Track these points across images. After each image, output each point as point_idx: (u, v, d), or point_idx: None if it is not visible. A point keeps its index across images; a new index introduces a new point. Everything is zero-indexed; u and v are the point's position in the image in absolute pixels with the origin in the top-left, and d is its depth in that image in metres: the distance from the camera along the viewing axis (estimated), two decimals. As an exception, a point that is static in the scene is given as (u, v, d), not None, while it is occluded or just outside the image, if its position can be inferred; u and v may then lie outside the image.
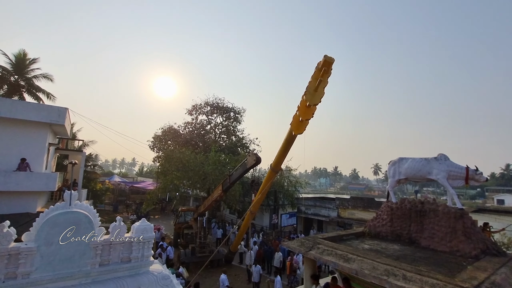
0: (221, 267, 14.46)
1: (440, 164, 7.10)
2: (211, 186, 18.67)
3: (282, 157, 9.69)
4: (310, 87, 6.45)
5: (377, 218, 8.08)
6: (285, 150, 9.31)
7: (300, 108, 7.03)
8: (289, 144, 8.99)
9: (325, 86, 6.48)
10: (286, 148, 9.17)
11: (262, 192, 11.04)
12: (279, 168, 10.35)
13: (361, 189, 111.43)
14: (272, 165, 10.20)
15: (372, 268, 5.02)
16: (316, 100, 6.49)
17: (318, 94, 6.44)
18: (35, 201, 11.81)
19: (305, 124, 7.42)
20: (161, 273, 5.18)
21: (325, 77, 6.32)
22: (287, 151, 9.41)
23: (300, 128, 7.59)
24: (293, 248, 7.12)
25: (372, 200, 19.90)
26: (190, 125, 29.53)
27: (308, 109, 6.86)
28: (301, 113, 7.02)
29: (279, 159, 9.76)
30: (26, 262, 4.11)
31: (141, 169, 68.54)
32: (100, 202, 27.66)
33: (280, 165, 10.28)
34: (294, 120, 7.55)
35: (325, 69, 6.14)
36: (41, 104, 16.39)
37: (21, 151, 11.55)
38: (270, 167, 10.46)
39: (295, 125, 7.62)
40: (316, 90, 6.39)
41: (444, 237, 6.37)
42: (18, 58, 19.57)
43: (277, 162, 9.90)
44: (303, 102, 6.80)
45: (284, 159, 9.95)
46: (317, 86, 6.32)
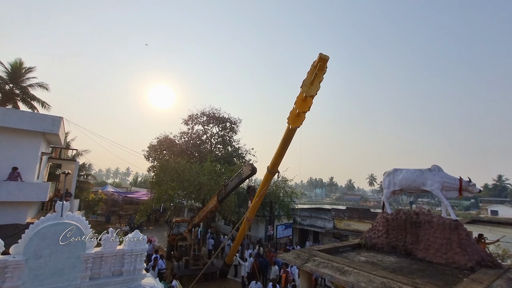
0: (215, 281, 14.13)
1: (434, 175, 7.18)
2: (206, 196, 18.47)
3: (279, 157, 9.53)
4: (307, 81, 6.74)
5: (373, 230, 8.06)
6: (283, 150, 9.18)
7: (297, 101, 7.25)
8: (287, 143, 8.89)
9: (321, 81, 6.76)
10: (283, 147, 9.06)
11: (260, 195, 10.80)
12: (276, 170, 10.10)
13: (357, 199, 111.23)
14: (269, 167, 10.02)
15: (368, 281, 4.96)
16: (312, 92, 6.75)
17: (314, 87, 6.74)
18: (25, 211, 11.51)
19: (302, 117, 7.62)
20: (154, 287, 5.05)
21: (320, 73, 6.60)
22: (285, 151, 9.27)
23: (297, 121, 7.71)
24: (289, 261, 7.03)
25: (368, 211, 19.85)
26: (186, 135, 29.49)
27: (305, 102, 7.11)
28: (298, 106, 7.24)
29: (276, 160, 9.61)
30: (13, 276, 3.97)
31: (135, 179, 67.50)
32: (92, 212, 27.09)
33: (277, 167, 10.02)
34: (291, 114, 7.71)
35: (321, 65, 6.39)
36: (35, 113, 16.24)
37: (13, 160, 11.33)
38: (267, 169, 10.23)
39: (292, 119, 7.73)
40: (312, 84, 6.69)
41: (440, 248, 6.36)
42: (14, 67, 19.51)
43: (274, 163, 9.74)
44: (300, 95, 7.08)
45: (281, 160, 9.75)
46: (313, 80, 6.61)
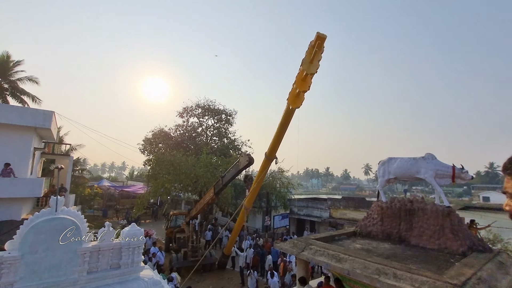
0: (214, 271, 14.34)
1: (428, 163, 7.28)
2: (202, 189, 18.51)
3: (277, 142, 9.39)
4: (306, 59, 6.62)
5: (368, 218, 8.19)
6: (281, 133, 9.02)
7: (296, 80, 7.12)
8: (285, 125, 8.73)
9: (320, 60, 6.64)
10: (281, 130, 8.88)
11: (258, 182, 10.73)
12: (274, 156, 9.95)
13: (352, 189, 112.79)
14: (266, 153, 9.90)
15: (363, 268, 5.07)
16: (313, 70, 6.63)
17: (314, 65, 6.62)
18: (19, 208, 11.41)
19: (301, 97, 7.50)
20: (152, 278, 5.09)
21: (319, 51, 6.48)
22: (283, 134, 9.12)
23: (297, 102, 7.58)
24: (286, 250, 7.14)
25: (363, 200, 20.14)
26: (181, 127, 29.22)
27: (304, 81, 6.98)
28: (298, 85, 7.09)
29: (274, 145, 9.47)
30: (9, 272, 3.95)
31: (131, 173, 67.16)
32: (89, 207, 27.05)
33: (275, 152, 9.88)
34: (291, 94, 7.58)
35: (319, 44, 6.29)
36: (26, 108, 15.91)
37: (5, 156, 11.15)
38: (264, 155, 10.10)
39: (292, 99, 7.60)
40: (312, 62, 6.57)
41: (433, 235, 6.51)
42: (1, 61, 18.94)
43: (272, 148, 9.61)
44: (300, 74, 6.95)
45: (279, 145, 9.61)
46: (312, 58, 6.48)
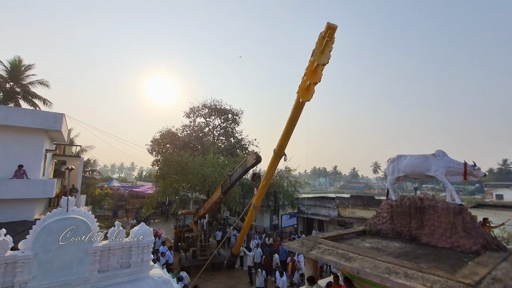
0: (223, 271, 14.40)
1: (438, 160, 7.12)
2: (210, 188, 18.61)
3: (286, 138, 9.24)
4: (317, 50, 6.40)
5: (377, 216, 8.08)
6: (290, 129, 8.84)
7: (307, 72, 6.91)
8: (294, 120, 8.51)
9: (331, 50, 6.41)
10: (291, 125, 8.69)
11: (267, 179, 10.62)
12: (283, 153, 9.78)
13: (361, 187, 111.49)
14: (275, 150, 9.77)
15: (373, 267, 5.00)
16: (324, 60, 6.40)
17: (325, 56, 6.40)
18: (32, 208, 11.70)
19: (312, 89, 7.28)
20: (161, 277, 5.14)
21: (329, 42, 6.25)
22: (292, 130, 8.93)
23: (307, 95, 7.37)
24: (294, 249, 7.10)
25: (372, 198, 19.91)
26: (188, 128, 29.47)
27: (315, 73, 6.77)
28: (308, 77, 6.88)
29: (283, 141, 9.32)
30: (23, 271, 4.06)
31: (140, 173, 68.13)
32: (99, 207, 27.51)
33: (284, 149, 9.71)
34: (301, 87, 7.38)
35: (330, 34, 6.07)
36: (37, 110, 16.27)
37: (18, 158, 11.44)
38: (273, 152, 9.97)
39: (302, 92, 7.39)
40: (323, 53, 6.35)
41: (444, 233, 6.37)
42: (13, 65, 19.45)
43: (281, 145, 9.47)
44: (309, 66, 6.74)
45: (288, 141, 9.44)
46: (323, 48, 6.26)
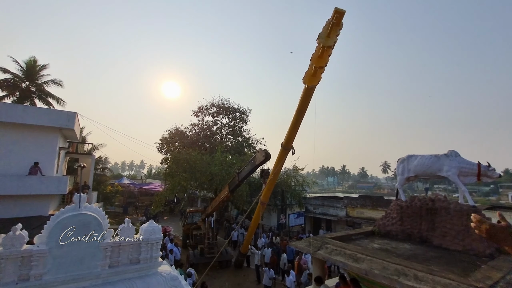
0: (230, 268, 14.50)
1: (451, 160, 6.95)
2: (218, 186, 18.74)
3: (294, 130, 9.11)
4: (323, 33, 6.34)
5: (386, 217, 7.96)
6: (298, 120, 8.70)
7: (313, 57, 6.85)
8: (303, 110, 8.37)
9: (338, 35, 6.35)
10: (299, 116, 8.50)
11: (275, 173, 10.52)
12: (290, 146, 9.63)
13: (370, 187, 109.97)
14: (283, 143, 9.66)
15: (382, 268, 4.93)
16: (330, 42, 6.33)
17: (331, 39, 6.34)
18: (47, 204, 12.08)
19: (318, 75, 7.18)
20: (170, 274, 5.21)
21: (336, 27, 6.20)
22: (300, 122, 8.79)
23: (313, 80, 7.27)
24: (301, 248, 7.07)
25: (381, 199, 19.59)
26: (196, 126, 29.72)
27: (321, 57, 6.70)
28: (314, 61, 6.82)
29: (291, 133, 9.18)
30: (38, 264, 4.18)
31: (149, 171, 69.23)
32: (110, 204, 28.15)
33: (292, 142, 9.56)
34: (307, 74, 7.28)
35: (337, 17, 6.00)
36: (51, 109, 16.75)
37: (33, 155, 11.82)
38: (281, 145, 9.86)
39: (308, 77, 7.29)
40: (329, 36, 6.29)
41: (457, 235, 6.22)
42: (29, 65, 20.07)
43: (288, 138, 9.34)
44: (315, 52, 6.69)
45: (296, 134, 9.31)
46: (329, 32, 6.21)
